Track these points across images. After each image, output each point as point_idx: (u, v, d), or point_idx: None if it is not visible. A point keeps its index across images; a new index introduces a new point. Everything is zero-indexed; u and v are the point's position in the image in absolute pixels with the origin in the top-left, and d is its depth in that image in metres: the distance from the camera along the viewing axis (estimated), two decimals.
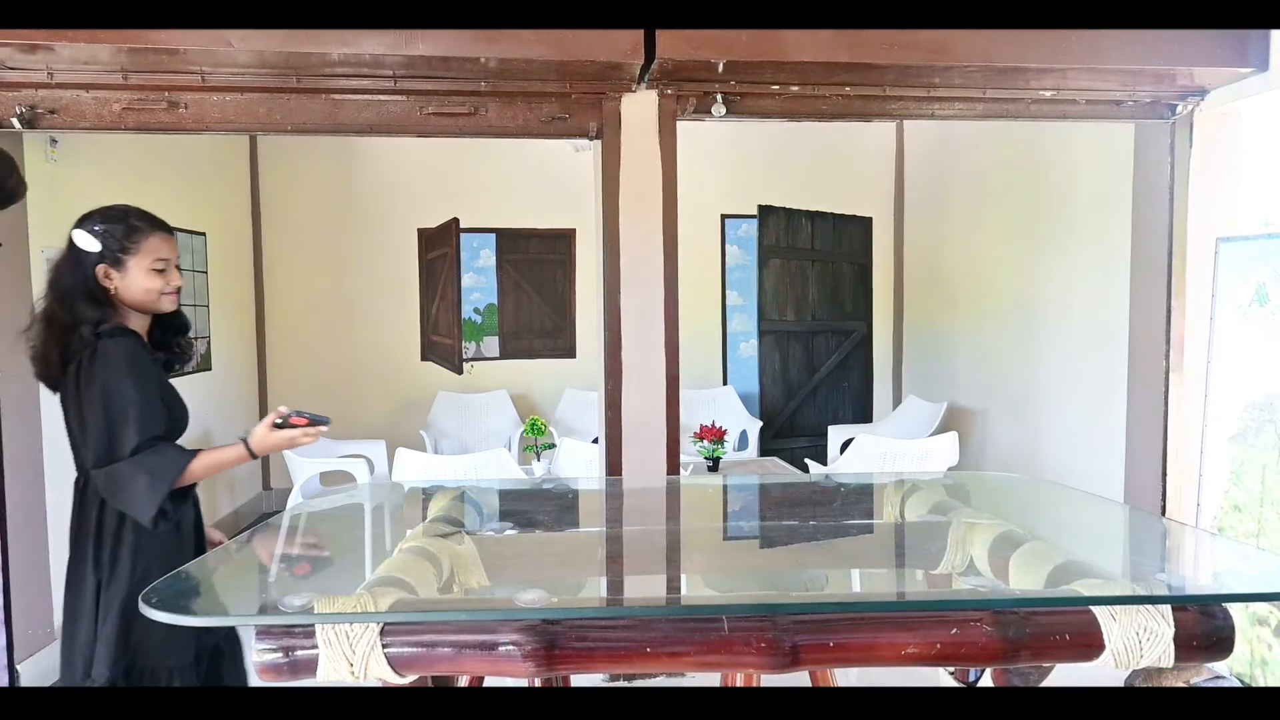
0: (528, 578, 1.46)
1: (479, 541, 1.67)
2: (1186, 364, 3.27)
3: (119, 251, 1.92)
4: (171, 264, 1.97)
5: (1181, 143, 3.26)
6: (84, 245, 1.92)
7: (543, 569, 1.52)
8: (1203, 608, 1.19)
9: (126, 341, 1.87)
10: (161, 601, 1.17)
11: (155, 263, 1.94)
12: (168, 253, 1.97)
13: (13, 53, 2.64)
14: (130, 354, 1.85)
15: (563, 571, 1.53)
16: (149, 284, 1.93)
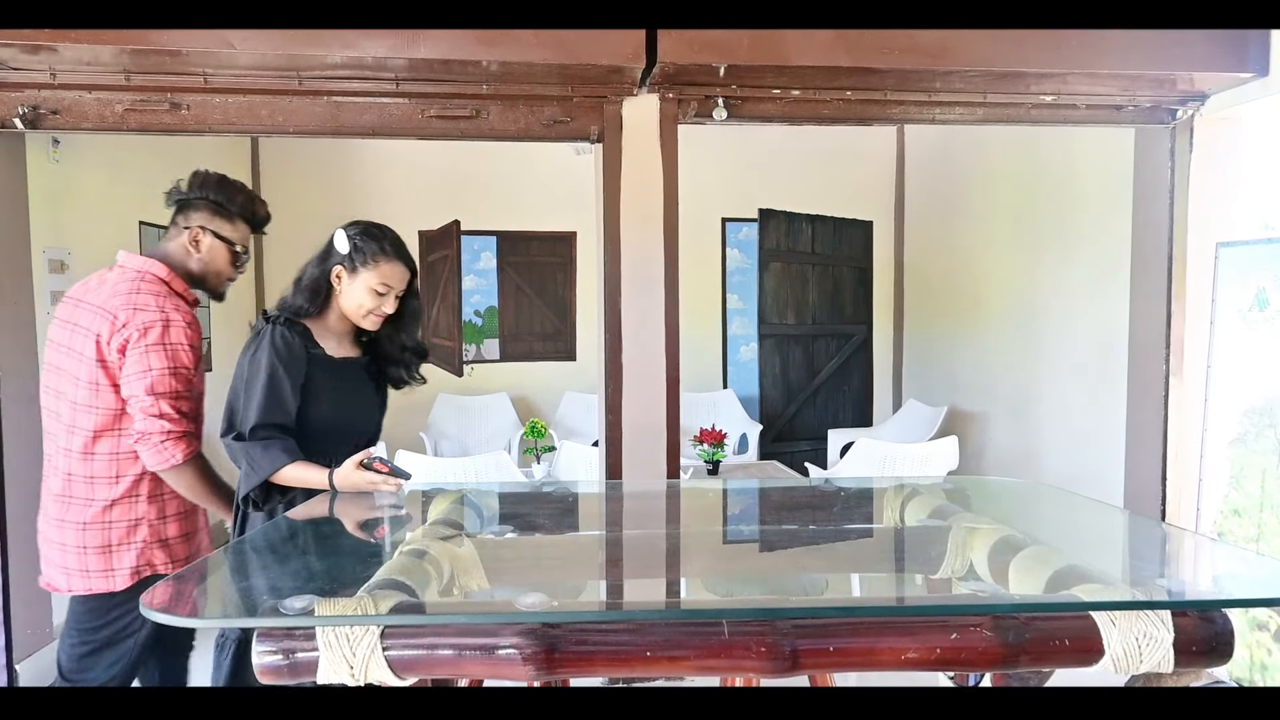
0: (528, 581, 1.46)
1: (479, 544, 1.67)
2: (1186, 368, 3.27)
3: (359, 262, 2.03)
4: (394, 293, 2.06)
5: (1181, 147, 3.26)
6: (338, 244, 2.06)
7: (543, 572, 1.53)
8: (1202, 613, 1.19)
9: (288, 333, 1.97)
10: (161, 603, 1.17)
11: (380, 285, 2.04)
12: (396, 282, 2.05)
13: (15, 53, 2.64)
14: (283, 345, 1.95)
15: (563, 575, 1.53)
16: (364, 300, 2.03)
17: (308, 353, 2.00)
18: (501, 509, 1.92)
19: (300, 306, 2.05)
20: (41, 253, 3.37)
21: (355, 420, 2.09)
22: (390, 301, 2.05)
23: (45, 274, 3.40)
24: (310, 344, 2.02)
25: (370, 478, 1.89)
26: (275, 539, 1.80)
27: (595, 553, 1.74)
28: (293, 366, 1.96)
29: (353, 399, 2.08)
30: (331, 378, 2.04)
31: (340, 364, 2.07)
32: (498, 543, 1.67)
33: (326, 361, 2.03)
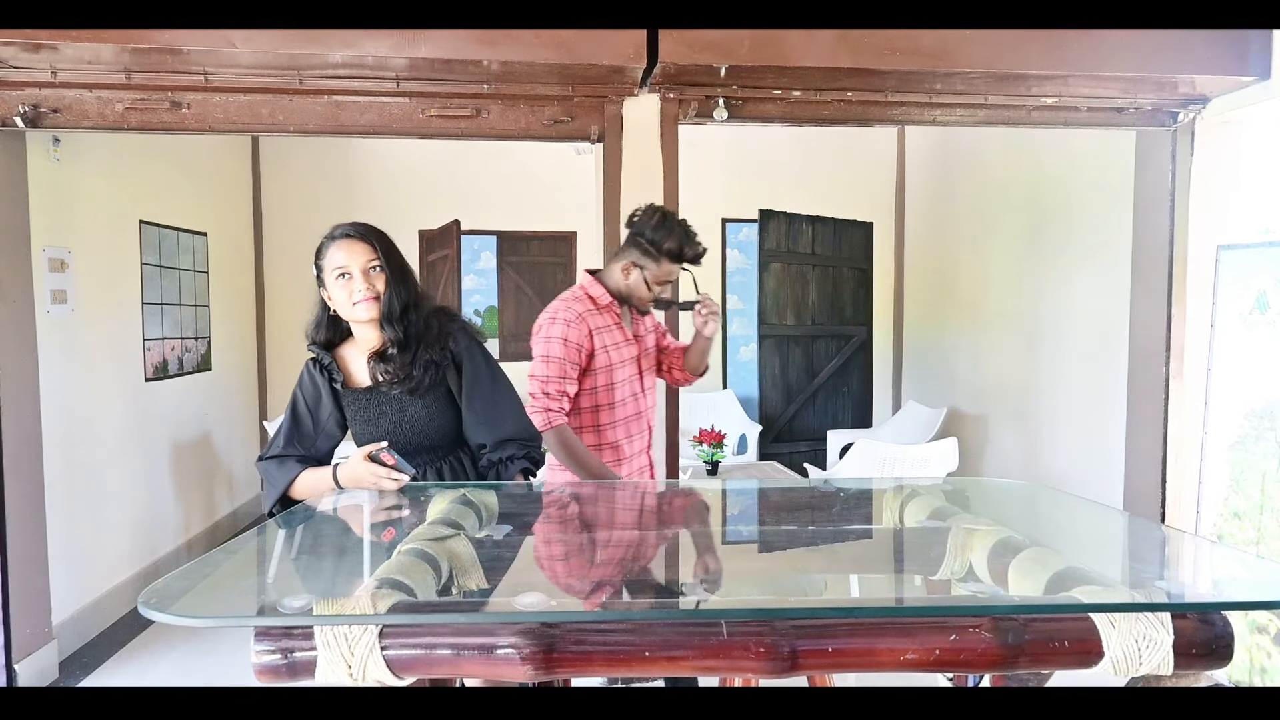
0: (526, 580, 1.46)
1: (478, 544, 1.66)
2: (1187, 371, 3.27)
3: (320, 266, 1.99)
4: (356, 270, 1.93)
5: (1183, 150, 3.26)
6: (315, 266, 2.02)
7: (541, 572, 1.52)
8: (1202, 615, 1.19)
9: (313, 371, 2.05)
10: (159, 602, 1.17)
11: (336, 270, 1.95)
12: (344, 260, 1.94)
13: (16, 51, 2.64)
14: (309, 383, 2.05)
15: (561, 574, 1.53)
16: (337, 294, 1.96)
17: (334, 389, 2.03)
18: (500, 508, 1.92)
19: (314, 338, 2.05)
20: (42, 251, 3.37)
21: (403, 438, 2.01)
22: (359, 281, 1.92)
23: (45, 273, 3.40)
24: (335, 378, 2.02)
25: (375, 471, 1.86)
26: (274, 538, 1.79)
27: (594, 552, 1.73)
28: (317, 407, 2.03)
29: (392, 422, 2.02)
30: (365, 407, 2.02)
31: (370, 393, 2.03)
32: (496, 542, 1.67)
33: (353, 396, 2.03)
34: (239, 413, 5.55)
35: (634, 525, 2.03)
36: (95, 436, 3.81)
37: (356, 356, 2.05)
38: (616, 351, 2.53)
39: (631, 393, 2.58)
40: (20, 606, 3.10)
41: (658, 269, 2.47)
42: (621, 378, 2.55)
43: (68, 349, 3.58)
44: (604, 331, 2.51)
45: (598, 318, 2.51)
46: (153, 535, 4.33)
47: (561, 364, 2.44)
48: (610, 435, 2.55)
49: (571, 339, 2.45)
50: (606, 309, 2.54)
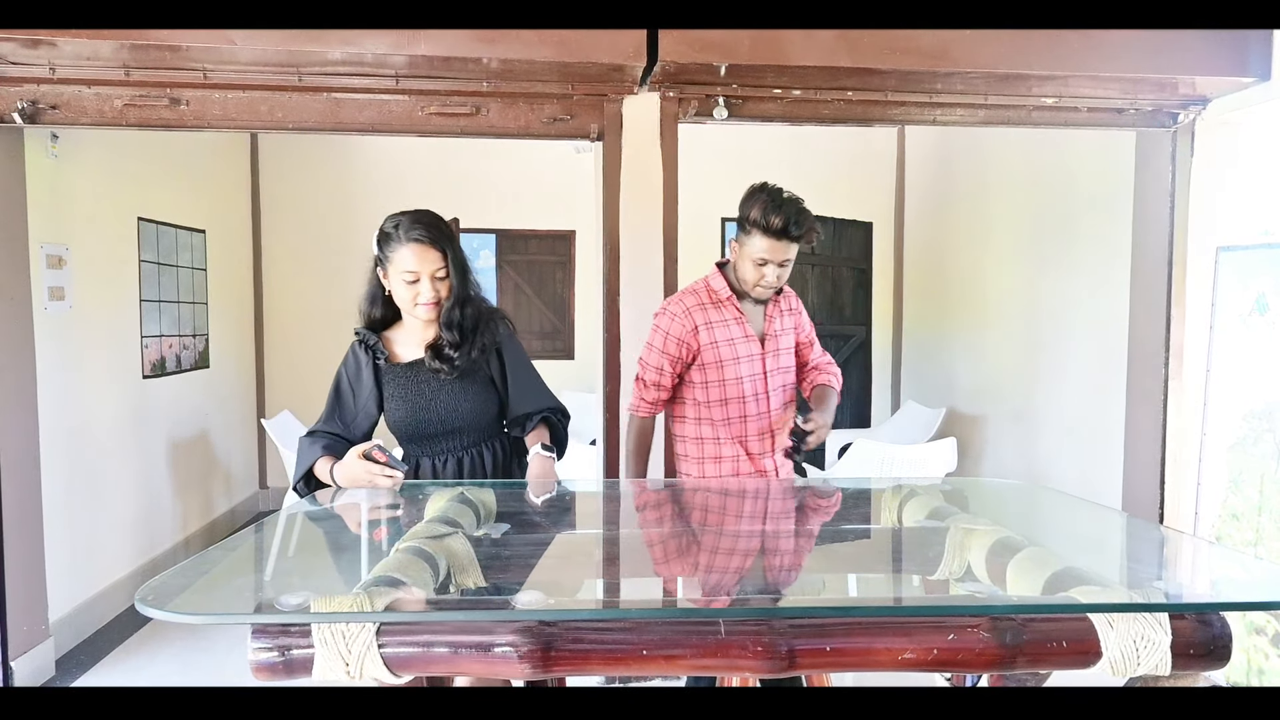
0: (524, 579, 1.46)
1: (475, 542, 1.66)
2: (1186, 372, 3.27)
3: (385, 256, 2.04)
4: (425, 277, 2.00)
5: (1182, 151, 3.26)
6: (373, 244, 2.07)
7: (539, 570, 1.52)
8: (1200, 616, 1.19)
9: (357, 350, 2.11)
10: (157, 599, 1.16)
11: (405, 273, 2.01)
12: (416, 265, 2.00)
13: (15, 48, 2.64)
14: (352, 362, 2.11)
15: (559, 573, 1.53)
16: (400, 292, 2.03)
17: (375, 366, 2.07)
18: (498, 507, 1.92)
19: (367, 315, 2.11)
20: (39, 248, 3.36)
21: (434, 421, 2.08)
22: (426, 287, 2.00)
23: (43, 269, 3.40)
24: (379, 355, 2.08)
25: (369, 469, 1.87)
26: (272, 536, 1.79)
27: (592, 551, 1.73)
28: (359, 384, 2.08)
29: (428, 400, 2.07)
30: (404, 384, 2.08)
31: (411, 368, 2.09)
32: (494, 540, 1.66)
33: (395, 370, 2.08)
34: (237, 410, 5.55)
35: (632, 525, 2.03)
36: (93, 434, 3.81)
37: (404, 336, 2.12)
38: (730, 348, 2.43)
39: (752, 392, 2.45)
40: (17, 603, 3.10)
41: (750, 244, 2.35)
42: (735, 375, 2.43)
43: (65, 346, 3.57)
44: (717, 326, 2.43)
45: (712, 311, 2.44)
46: (150, 532, 4.32)
47: (660, 356, 2.44)
48: (725, 432, 2.46)
49: (673, 332, 2.43)
50: (725, 303, 2.46)
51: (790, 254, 2.35)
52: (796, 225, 2.28)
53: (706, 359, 2.43)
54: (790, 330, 2.57)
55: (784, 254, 2.33)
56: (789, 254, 2.34)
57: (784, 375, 2.54)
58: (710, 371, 2.44)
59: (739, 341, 2.44)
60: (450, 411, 2.08)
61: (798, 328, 2.62)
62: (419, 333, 2.10)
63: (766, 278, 2.36)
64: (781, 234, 2.29)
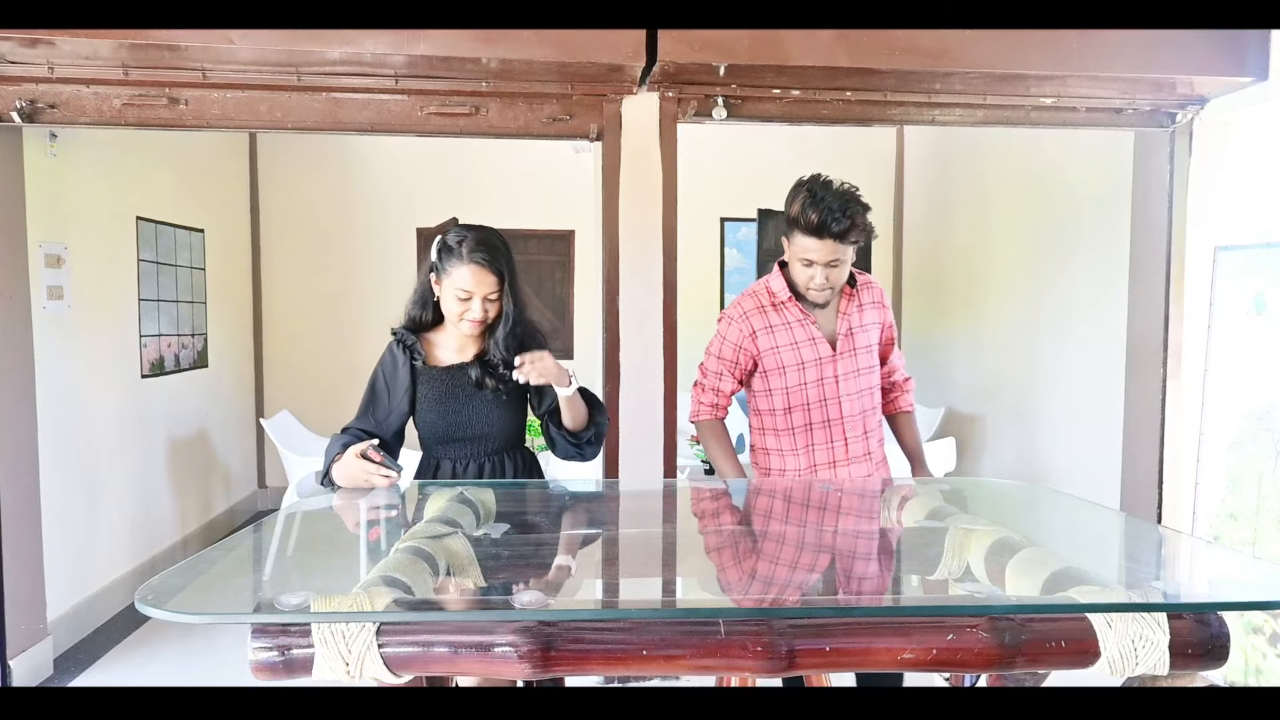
0: (524, 579, 1.46)
1: (475, 542, 1.66)
2: (1184, 371, 3.28)
3: (443, 268, 2.06)
4: (478, 298, 2.03)
5: (1181, 151, 3.26)
6: (431, 250, 2.10)
7: (539, 570, 1.52)
8: (1198, 615, 1.19)
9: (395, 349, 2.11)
10: (157, 598, 1.16)
11: (459, 290, 2.04)
12: (472, 286, 2.02)
13: (14, 47, 2.64)
14: (390, 361, 2.11)
15: (559, 573, 1.53)
16: (450, 306, 2.06)
17: (413, 366, 2.09)
18: (498, 507, 1.92)
19: (413, 316, 2.14)
20: (38, 247, 3.36)
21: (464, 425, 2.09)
22: (477, 307, 2.03)
23: (41, 268, 3.39)
24: (417, 356, 2.10)
25: (366, 468, 1.88)
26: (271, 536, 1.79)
27: (591, 551, 1.73)
28: (395, 382, 2.09)
29: (461, 404, 2.09)
30: (439, 387, 2.09)
31: (448, 372, 2.10)
32: (494, 540, 1.66)
33: (432, 373, 2.10)
34: (235, 409, 5.54)
35: (632, 524, 2.03)
36: (91, 433, 3.80)
37: (445, 340, 2.15)
38: (792, 353, 2.29)
39: (819, 399, 2.30)
40: (15, 602, 3.10)
41: (795, 244, 2.20)
42: (799, 382, 2.29)
43: (64, 345, 3.57)
44: (778, 330, 2.29)
45: (771, 315, 2.30)
46: (149, 532, 4.32)
47: (718, 361, 2.37)
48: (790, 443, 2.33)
49: (730, 337, 2.34)
50: (787, 305, 2.30)
51: (839, 254, 2.15)
52: (837, 222, 2.09)
53: (767, 365, 2.30)
54: (873, 326, 2.37)
55: (830, 254, 2.15)
56: (837, 254, 2.15)
57: (863, 378, 2.34)
58: (772, 379, 2.31)
59: (803, 345, 2.28)
60: (481, 419, 2.10)
61: (883, 324, 2.41)
62: (461, 339, 2.13)
63: (815, 280, 2.19)
64: (820, 231, 2.11)
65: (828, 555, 1.70)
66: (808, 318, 2.30)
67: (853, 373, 2.32)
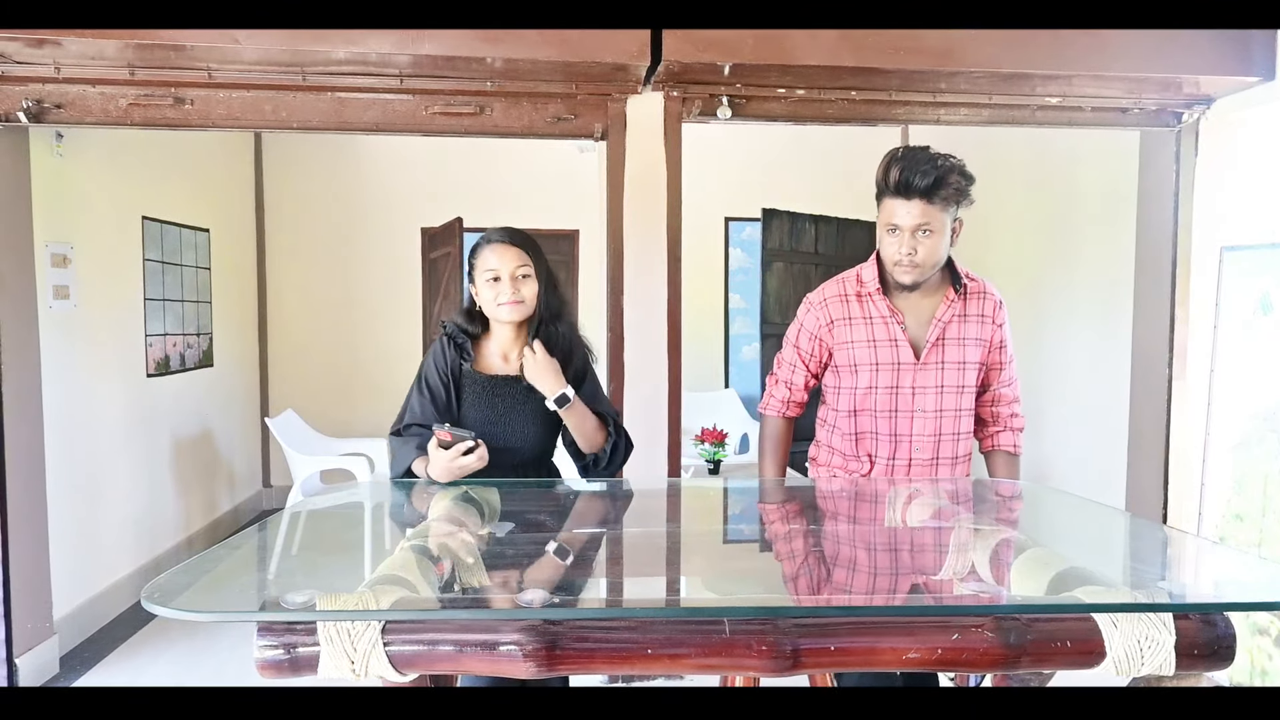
0: (528, 578, 1.46)
1: (480, 541, 1.67)
2: (1190, 372, 3.27)
3: (472, 264, 2.07)
4: (506, 275, 2.00)
5: (1187, 151, 3.26)
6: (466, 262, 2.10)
7: (543, 569, 1.52)
8: (1204, 616, 1.19)
9: (445, 345, 2.08)
10: (163, 596, 1.17)
11: (487, 272, 2.01)
12: (496, 263, 2.00)
13: (20, 47, 2.65)
14: (440, 356, 2.08)
15: (563, 572, 1.53)
16: (484, 293, 2.03)
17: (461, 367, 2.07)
18: (503, 506, 1.92)
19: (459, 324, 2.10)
20: (44, 246, 3.37)
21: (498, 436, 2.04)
22: (506, 285, 1.99)
23: (48, 268, 3.40)
24: (465, 358, 2.07)
25: (450, 456, 1.85)
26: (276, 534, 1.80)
27: (596, 550, 1.74)
28: (446, 377, 2.06)
29: (499, 415, 2.05)
30: (482, 395, 2.06)
31: (493, 381, 2.07)
32: (498, 539, 1.67)
33: (476, 378, 2.07)
34: (240, 409, 5.56)
35: (636, 523, 2.03)
36: (97, 432, 3.82)
37: (491, 349, 2.11)
38: (868, 351, 2.06)
39: (888, 409, 2.06)
40: (22, 601, 3.11)
41: (881, 211, 2.01)
42: (869, 384, 2.06)
43: (70, 344, 3.58)
44: (857, 324, 2.07)
45: (853, 306, 2.09)
46: (154, 531, 4.33)
47: (793, 351, 2.19)
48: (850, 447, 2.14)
49: (807, 325, 2.15)
50: (873, 297, 2.08)
51: (927, 218, 1.92)
52: (923, 175, 1.91)
53: (839, 361, 2.10)
54: (974, 343, 2.08)
55: (916, 217, 1.93)
56: (925, 218, 1.93)
57: (947, 398, 2.06)
58: (843, 376, 2.10)
59: (882, 345, 2.05)
60: (516, 433, 2.06)
61: (989, 343, 2.11)
62: (505, 344, 2.09)
63: (902, 249, 1.95)
64: (904, 190, 1.93)
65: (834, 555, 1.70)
66: (894, 315, 2.06)
67: (934, 388, 2.06)
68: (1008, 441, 2.19)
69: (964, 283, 2.10)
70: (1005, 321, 2.14)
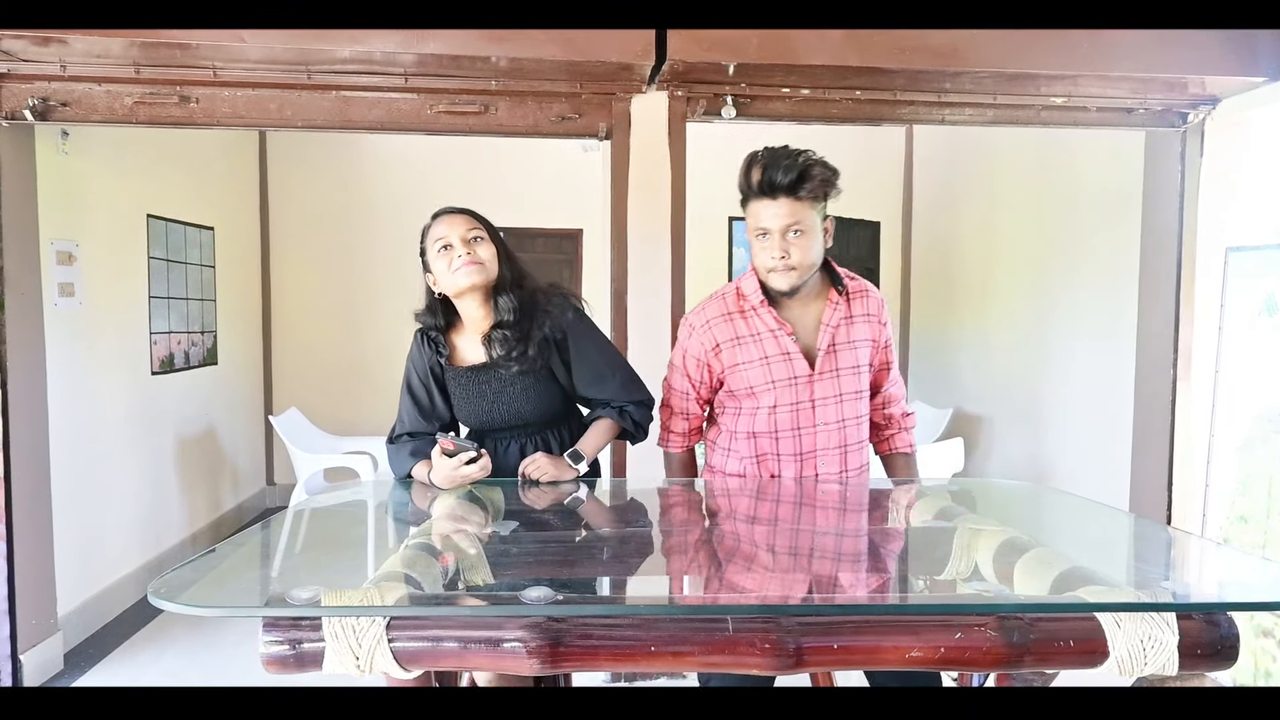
0: (532, 575, 1.46)
1: (485, 539, 1.67)
2: (1194, 373, 3.26)
3: (423, 254, 2.02)
4: (457, 239, 1.94)
5: (1192, 151, 3.25)
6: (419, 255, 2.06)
7: (547, 567, 1.53)
8: (1208, 616, 1.19)
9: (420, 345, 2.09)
10: (169, 592, 1.17)
11: (436, 244, 1.96)
12: (445, 231, 1.96)
13: (26, 45, 2.65)
14: (411, 360, 2.10)
15: (567, 569, 1.53)
16: (439, 268, 1.96)
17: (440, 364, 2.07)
18: (507, 504, 1.92)
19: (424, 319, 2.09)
20: (50, 244, 3.38)
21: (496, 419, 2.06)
22: (459, 248, 1.93)
23: (53, 265, 3.41)
24: (441, 353, 2.06)
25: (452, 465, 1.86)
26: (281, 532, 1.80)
27: (600, 548, 1.74)
28: (426, 378, 2.07)
29: (494, 401, 2.05)
30: (468, 386, 2.06)
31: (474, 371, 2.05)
32: (503, 538, 1.67)
33: (457, 373, 2.06)
34: (244, 407, 5.57)
35: (640, 522, 2.03)
36: (101, 429, 3.83)
37: (464, 337, 2.08)
38: (761, 371, 1.94)
39: (791, 427, 1.96)
40: (26, 597, 3.12)
41: (748, 217, 1.91)
42: (770, 404, 1.95)
43: (75, 342, 3.59)
44: (746, 343, 1.95)
45: (739, 324, 1.96)
46: (158, 528, 4.34)
47: (682, 378, 2.06)
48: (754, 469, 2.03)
49: (691, 350, 2.01)
50: (758, 310, 1.96)
51: (796, 217, 1.84)
52: (785, 171, 1.82)
53: (733, 385, 1.98)
54: (863, 344, 2.01)
55: (784, 217, 1.83)
56: (794, 217, 1.84)
57: (846, 406, 1.98)
58: (741, 399, 1.99)
59: (775, 361, 1.93)
60: (512, 411, 2.06)
61: (877, 342, 2.05)
62: (477, 324, 2.04)
63: (774, 252, 1.85)
64: (769, 189, 1.83)
65: (838, 554, 1.70)
66: (783, 327, 1.94)
67: (834, 398, 1.96)
68: (904, 442, 2.14)
69: (845, 284, 2.03)
70: (888, 319, 2.11)
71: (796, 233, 1.87)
